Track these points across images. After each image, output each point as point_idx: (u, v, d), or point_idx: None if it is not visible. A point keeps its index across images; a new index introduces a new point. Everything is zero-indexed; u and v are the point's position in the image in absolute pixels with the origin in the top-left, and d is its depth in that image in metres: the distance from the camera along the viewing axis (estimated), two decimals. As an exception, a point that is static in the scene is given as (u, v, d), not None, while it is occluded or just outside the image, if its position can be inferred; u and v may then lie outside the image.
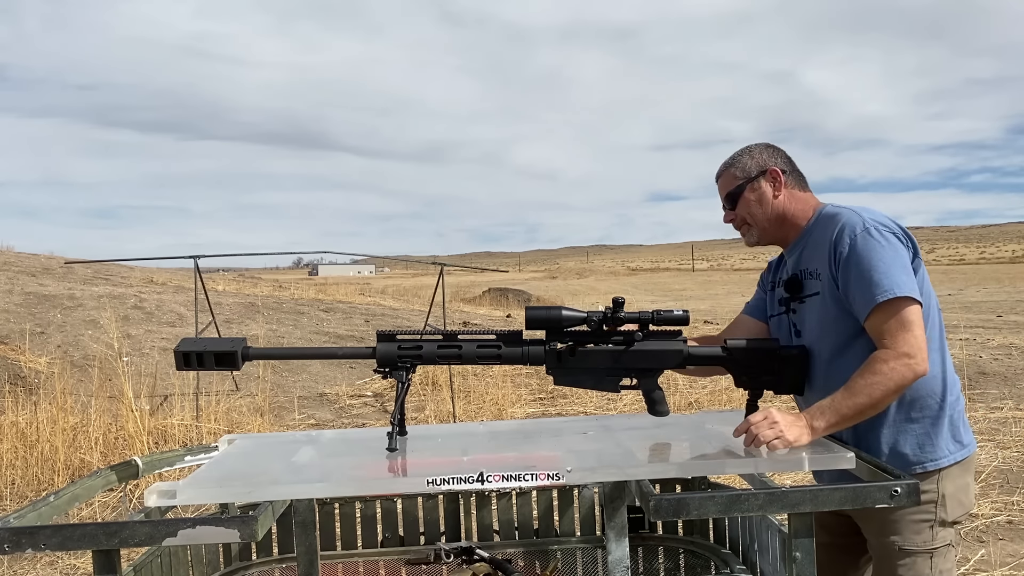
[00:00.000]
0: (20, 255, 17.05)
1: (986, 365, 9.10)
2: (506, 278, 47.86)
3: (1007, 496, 4.88)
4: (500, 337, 1.86)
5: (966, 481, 1.91)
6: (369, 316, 14.61)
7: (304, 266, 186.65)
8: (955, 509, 1.88)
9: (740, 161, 2.05)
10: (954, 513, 1.88)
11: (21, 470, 5.50)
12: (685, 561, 2.53)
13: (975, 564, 3.86)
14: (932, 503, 1.85)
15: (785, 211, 2.02)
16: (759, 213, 2.02)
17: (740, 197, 2.02)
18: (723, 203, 2.08)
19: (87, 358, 9.12)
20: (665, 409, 1.91)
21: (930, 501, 1.85)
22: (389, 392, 8.90)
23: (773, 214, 2.02)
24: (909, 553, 1.86)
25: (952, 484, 1.87)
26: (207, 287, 8.85)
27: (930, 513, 1.85)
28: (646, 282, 41.60)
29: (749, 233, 2.07)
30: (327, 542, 2.49)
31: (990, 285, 29.90)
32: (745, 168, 2.03)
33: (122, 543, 1.47)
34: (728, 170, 2.06)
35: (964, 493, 1.91)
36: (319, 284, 29.77)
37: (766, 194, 2.01)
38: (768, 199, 2.01)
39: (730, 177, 2.05)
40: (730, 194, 2.04)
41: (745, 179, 2.02)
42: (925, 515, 1.85)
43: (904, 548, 1.86)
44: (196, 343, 1.80)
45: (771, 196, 2.01)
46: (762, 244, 2.08)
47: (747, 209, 2.03)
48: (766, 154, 2.04)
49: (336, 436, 2.18)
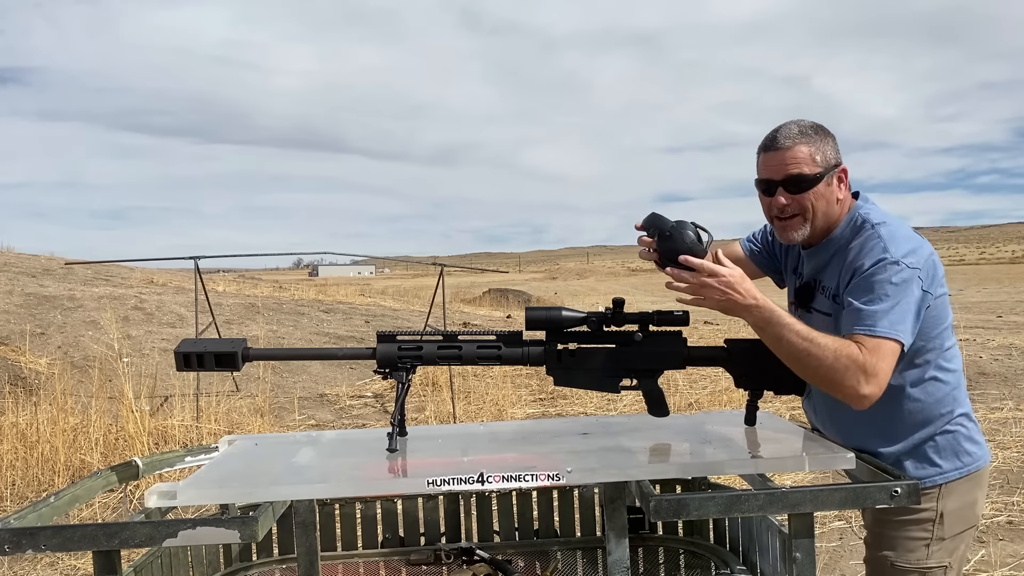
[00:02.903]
0: (20, 256, 17.04)
1: (986, 365, 9.09)
2: (506, 279, 47.84)
3: (1007, 496, 4.88)
4: (500, 338, 1.86)
5: (974, 497, 1.84)
6: (369, 317, 14.61)
7: (304, 267, 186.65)
8: (956, 525, 1.81)
9: (820, 144, 1.75)
10: (954, 530, 1.80)
11: (21, 471, 5.49)
12: (685, 561, 2.53)
13: (975, 564, 3.86)
14: (929, 521, 1.79)
15: (834, 215, 1.80)
16: (821, 211, 1.77)
17: (813, 187, 1.75)
18: (778, 183, 1.77)
19: (87, 359, 9.11)
20: (665, 410, 1.91)
21: (927, 520, 1.79)
22: (389, 393, 8.90)
23: (829, 216, 1.80)
24: (900, 571, 1.81)
25: (956, 500, 1.81)
26: (207, 288, 8.85)
27: (927, 531, 1.79)
28: (646, 282, 41.57)
29: (801, 229, 1.80)
30: (327, 543, 2.49)
31: (990, 285, 29.89)
32: (826, 156, 1.76)
33: (122, 544, 1.47)
34: (802, 147, 1.74)
35: (970, 509, 1.83)
36: (319, 285, 29.77)
37: (834, 194, 1.78)
38: (833, 200, 1.78)
39: (804, 157, 1.74)
40: (802, 178, 1.74)
41: (824, 169, 1.75)
42: (921, 533, 1.79)
43: (896, 564, 1.81)
44: (196, 344, 1.80)
45: (835, 198, 1.78)
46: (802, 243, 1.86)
47: (813, 202, 1.76)
48: (836, 145, 1.79)
49: (336, 437, 2.18)
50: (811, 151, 1.75)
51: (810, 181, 1.75)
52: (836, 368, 1.63)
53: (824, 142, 1.77)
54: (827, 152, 1.77)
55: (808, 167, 1.74)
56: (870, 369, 1.62)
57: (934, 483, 1.80)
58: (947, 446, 1.81)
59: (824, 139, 1.77)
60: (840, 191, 1.80)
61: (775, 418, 2.11)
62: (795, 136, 1.76)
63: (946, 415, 1.81)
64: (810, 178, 1.74)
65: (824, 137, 1.78)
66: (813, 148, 1.75)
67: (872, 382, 1.62)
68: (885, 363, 1.64)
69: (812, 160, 1.75)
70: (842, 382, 1.63)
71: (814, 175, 1.75)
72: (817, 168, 1.75)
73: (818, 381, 1.69)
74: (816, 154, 1.75)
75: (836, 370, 1.63)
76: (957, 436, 1.82)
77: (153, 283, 15.74)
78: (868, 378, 1.62)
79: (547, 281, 51.56)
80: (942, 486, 1.80)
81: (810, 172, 1.74)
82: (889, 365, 1.65)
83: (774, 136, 1.79)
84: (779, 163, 1.76)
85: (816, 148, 1.75)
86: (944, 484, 1.80)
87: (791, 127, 1.77)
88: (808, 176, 1.74)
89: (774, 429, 2.00)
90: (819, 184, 1.75)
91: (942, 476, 1.81)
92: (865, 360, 1.62)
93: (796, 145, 1.75)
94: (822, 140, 1.77)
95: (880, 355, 1.63)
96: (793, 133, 1.76)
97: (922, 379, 1.79)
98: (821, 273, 1.88)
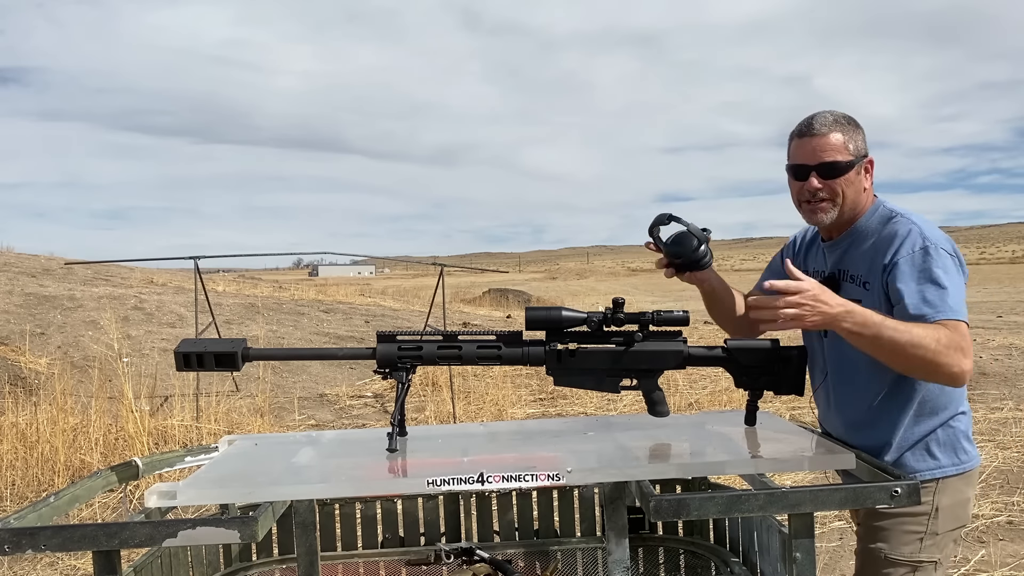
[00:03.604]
0: (20, 256, 17.04)
1: (986, 365, 9.10)
2: (506, 279, 47.85)
3: (1007, 496, 4.88)
4: (500, 338, 1.86)
5: (966, 496, 1.87)
6: (369, 317, 14.61)
7: (304, 267, 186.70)
8: (949, 522, 1.83)
9: (853, 133, 1.83)
10: (946, 526, 1.83)
11: (21, 471, 5.49)
12: (685, 561, 2.53)
13: (975, 564, 3.86)
14: (925, 515, 1.81)
15: (860, 204, 1.87)
16: (851, 197, 1.84)
17: (845, 175, 1.81)
18: (811, 168, 1.83)
19: (87, 359, 9.11)
20: (665, 409, 1.91)
21: (923, 513, 1.81)
22: (389, 393, 8.90)
23: (856, 204, 1.86)
24: (893, 563, 1.82)
25: (951, 497, 1.83)
26: (207, 288, 8.85)
27: (921, 525, 1.81)
28: (646, 282, 41.60)
29: (829, 212, 1.85)
30: (327, 543, 2.49)
31: (990, 285, 29.89)
32: (858, 145, 1.83)
33: (122, 544, 1.47)
34: (837, 135, 1.81)
35: (962, 507, 1.86)
36: (319, 285, 29.77)
37: (862, 183, 1.85)
38: (861, 188, 1.85)
39: (839, 144, 1.81)
40: (836, 164, 1.81)
41: (858, 157, 1.82)
42: (916, 526, 1.81)
43: (889, 557, 1.83)
44: (196, 344, 1.80)
45: (863, 187, 1.85)
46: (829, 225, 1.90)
47: (845, 188, 1.82)
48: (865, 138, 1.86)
49: (336, 437, 2.18)
50: (845, 139, 1.82)
51: (843, 168, 1.81)
52: (939, 352, 1.64)
53: (856, 132, 1.84)
54: (859, 142, 1.84)
55: (841, 154, 1.81)
56: (964, 346, 1.66)
57: (932, 476, 1.82)
58: (947, 441, 1.84)
59: (856, 129, 1.85)
60: (867, 181, 1.87)
61: (775, 418, 2.11)
62: (830, 124, 1.82)
63: (951, 410, 1.84)
64: (843, 165, 1.81)
65: (856, 128, 1.85)
66: (847, 137, 1.82)
67: (968, 356, 1.67)
68: (967, 340, 1.68)
69: (845, 148, 1.81)
70: (947, 364, 1.65)
71: (847, 162, 1.81)
72: (850, 156, 1.82)
73: (920, 369, 1.70)
74: (849, 143, 1.82)
75: (940, 353, 1.65)
76: (956, 433, 1.85)
77: (153, 283, 15.74)
78: (965, 354, 1.66)
79: (547, 281, 51.58)
80: (939, 481, 1.83)
81: (843, 159, 1.81)
82: (969, 342, 1.69)
83: (810, 123, 1.85)
84: (814, 149, 1.83)
85: (849, 137, 1.82)
86: (941, 479, 1.83)
87: (826, 116, 1.84)
88: (841, 163, 1.81)
89: (774, 429, 2.00)
90: (851, 171, 1.82)
91: (940, 471, 1.83)
92: (958, 339, 1.66)
93: (831, 132, 1.82)
94: (855, 130, 1.84)
95: (961, 332, 1.67)
96: (828, 121, 1.83)
97: None
98: (845, 262, 1.91)
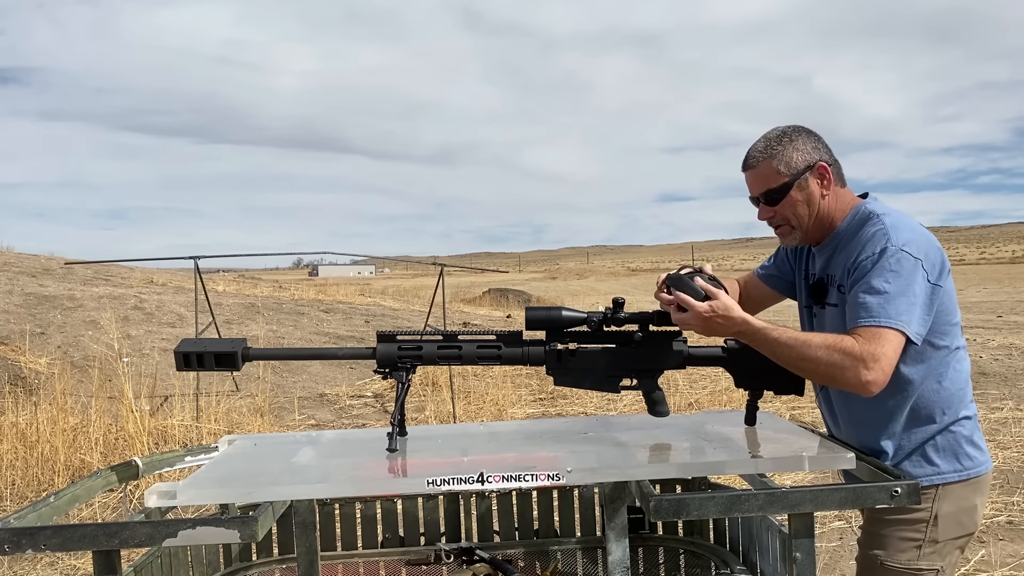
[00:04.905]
0: (20, 255, 17.04)
1: (986, 365, 9.10)
2: (506, 279, 47.85)
3: (1007, 496, 4.89)
4: (500, 338, 1.86)
5: (972, 503, 1.81)
6: (369, 317, 14.61)
7: (304, 267, 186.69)
8: (951, 530, 1.78)
9: (783, 153, 1.80)
10: (948, 534, 1.78)
11: (21, 471, 5.50)
12: (685, 561, 2.53)
13: (975, 564, 3.86)
14: (923, 522, 1.77)
15: (829, 211, 1.83)
16: (805, 214, 1.82)
17: (785, 196, 1.81)
18: (758, 199, 1.85)
19: (87, 359, 9.12)
20: (665, 409, 1.91)
21: (921, 520, 1.77)
22: (389, 393, 8.90)
23: (819, 215, 1.83)
24: (890, 570, 1.79)
25: (953, 504, 1.78)
26: (207, 288, 8.85)
27: (919, 532, 1.77)
28: (646, 282, 41.60)
29: (791, 235, 1.87)
30: (327, 543, 2.49)
31: (990, 285, 29.89)
32: (791, 163, 1.79)
33: (122, 544, 1.47)
34: (767, 162, 1.81)
35: (967, 515, 1.80)
36: (319, 285, 29.76)
37: (814, 194, 1.81)
38: (816, 199, 1.81)
39: (770, 171, 1.81)
40: (771, 192, 1.81)
41: (792, 176, 1.79)
42: (914, 533, 1.78)
43: (886, 564, 1.80)
44: (196, 344, 1.80)
45: (819, 196, 1.81)
46: (801, 244, 1.92)
47: (792, 210, 1.82)
48: (810, 144, 1.81)
49: (336, 437, 2.18)
50: (773, 165, 1.81)
51: (778, 193, 1.82)
52: (832, 363, 1.65)
53: (789, 148, 1.81)
54: (793, 158, 1.80)
55: (773, 180, 1.81)
56: (868, 357, 1.62)
57: (931, 483, 1.78)
58: (946, 447, 1.80)
59: (789, 145, 1.81)
60: (823, 188, 1.82)
61: (775, 418, 2.11)
62: (760, 152, 1.83)
63: (949, 415, 1.80)
64: (776, 190, 1.81)
65: (789, 143, 1.81)
66: (775, 160, 1.81)
67: (874, 368, 1.62)
68: (886, 349, 1.63)
69: (776, 173, 1.81)
70: (842, 376, 1.65)
71: (781, 185, 1.81)
72: (783, 179, 1.80)
73: (820, 379, 1.75)
74: (779, 165, 1.80)
75: (833, 365, 1.65)
76: (958, 438, 1.81)
77: (153, 283, 15.74)
78: (869, 365, 1.62)
79: (547, 281, 51.59)
80: (939, 487, 1.79)
81: (775, 185, 1.81)
82: (892, 351, 1.64)
83: (745, 157, 1.88)
84: (751, 182, 1.87)
85: (779, 159, 1.80)
86: (941, 486, 1.79)
87: (757, 145, 1.85)
88: (775, 188, 1.81)
89: (774, 429, 2.00)
90: (790, 192, 1.81)
91: (939, 477, 1.79)
92: (862, 350, 1.62)
93: (760, 162, 1.83)
94: (786, 148, 1.81)
95: (879, 342, 1.63)
96: (758, 150, 1.84)
97: (929, 376, 1.78)
98: (831, 267, 1.89)
